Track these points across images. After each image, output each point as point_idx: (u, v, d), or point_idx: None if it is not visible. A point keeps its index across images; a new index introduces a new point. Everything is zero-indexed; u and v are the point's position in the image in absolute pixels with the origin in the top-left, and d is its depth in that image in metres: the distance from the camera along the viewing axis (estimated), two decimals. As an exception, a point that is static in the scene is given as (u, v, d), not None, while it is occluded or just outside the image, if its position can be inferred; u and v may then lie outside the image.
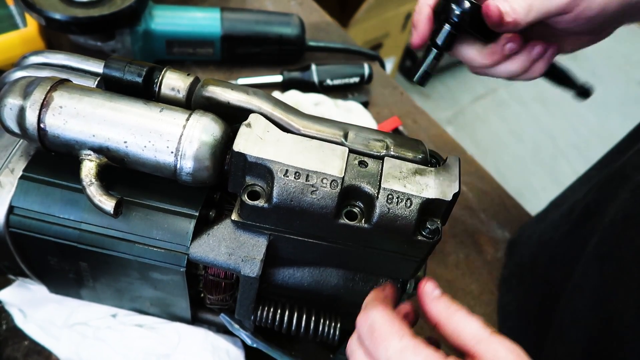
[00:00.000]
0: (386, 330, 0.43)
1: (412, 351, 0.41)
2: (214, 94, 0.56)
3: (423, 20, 0.55)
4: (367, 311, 0.46)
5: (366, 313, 0.46)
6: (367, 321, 0.45)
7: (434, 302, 0.48)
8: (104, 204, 0.50)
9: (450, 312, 0.46)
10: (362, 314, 0.47)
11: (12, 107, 0.52)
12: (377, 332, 0.44)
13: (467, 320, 0.45)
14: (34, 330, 0.69)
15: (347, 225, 0.52)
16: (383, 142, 0.56)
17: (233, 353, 0.69)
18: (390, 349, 0.42)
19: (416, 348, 0.42)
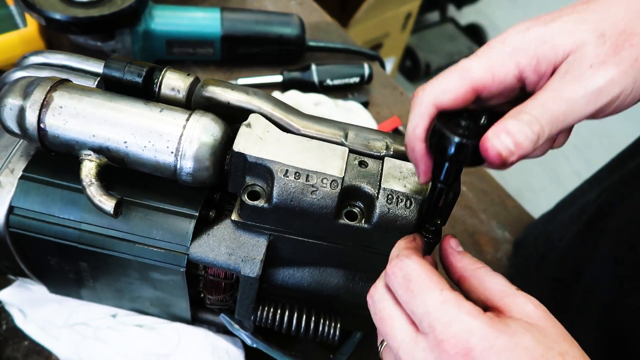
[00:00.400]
0: (425, 282, 0.41)
1: (454, 304, 0.39)
2: (214, 94, 0.56)
3: (420, 159, 0.47)
4: (401, 260, 0.43)
5: (400, 262, 0.43)
6: (401, 270, 0.42)
7: (459, 256, 0.46)
8: (104, 204, 0.50)
9: (476, 267, 0.45)
10: (395, 262, 0.44)
11: (12, 107, 0.52)
12: (415, 283, 0.41)
13: (493, 275, 0.44)
14: (34, 330, 0.69)
15: (347, 225, 0.52)
16: (383, 142, 0.56)
17: (233, 353, 0.69)
18: (430, 302, 0.40)
19: (458, 301, 0.39)
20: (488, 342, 0.37)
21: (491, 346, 0.37)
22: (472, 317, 0.38)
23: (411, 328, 0.41)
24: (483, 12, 3.23)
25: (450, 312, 0.39)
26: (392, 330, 0.42)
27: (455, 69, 0.43)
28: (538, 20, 0.43)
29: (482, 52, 0.43)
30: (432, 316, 0.39)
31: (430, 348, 0.39)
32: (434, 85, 0.44)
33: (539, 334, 0.38)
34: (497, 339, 0.37)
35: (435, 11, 3.02)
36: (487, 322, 0.38)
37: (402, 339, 0.41)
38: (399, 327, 0.42)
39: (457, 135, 0.42)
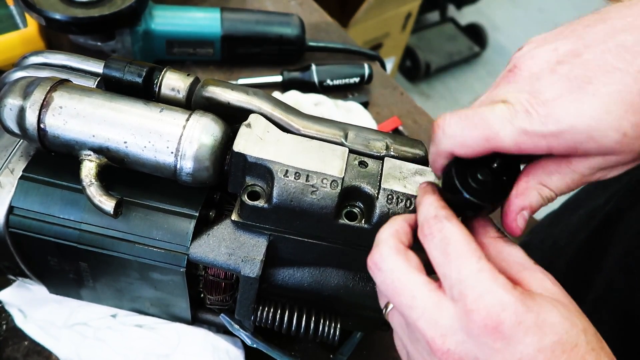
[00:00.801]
0: (464, 248, 0.40)
1: (490, 276, 0.38)
2: (214, 94, 0.56)
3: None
4: (441, 221, 0.42)
5: (439, 222, 0.42)
6: (440, 232, 0.41)
7: (483, 220, 0.46)
8: (104, 204, 0.50)
9: (497, 235, 0.44)
10: (432, 222, 0.42)
11: (12, 107, 0.52)
12: (453, 247, 0.40)
13: (512, 247, 0.43)
14: (34, 330, 0.69)
15: (347, 225, 0.52)
16: (383, 142, 0.56)
17: (233, 353, 0.69)
18: (465, 270, 0.39)
19: (493, 273, 0.38)
20: (518, 317, 0.37)
21: (520, 322, 0.37)
22: (505, 291, 0.38)
23: (436, 294, 0.40)
24: (483, 12, 3.24)
25: (484, 284, 0.38)
26: (412, 301, 0.40)
27: (483, 126, 0.40)
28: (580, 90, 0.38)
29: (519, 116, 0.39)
30: (465, 284, 0.38)
31: (458, 316, 0.38)
32: (455, 133, 0.42)
33: (563, 310, 0.38)
34: (526, 315, 0.37)
35: (435, 11, 3.02)
36: (519, 298, 0.38)
37: (425, 307, 0.40)
38: (420, 296, 0.40)
39: (468, 191, 0.42)
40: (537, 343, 0.36)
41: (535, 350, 0.36)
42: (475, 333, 0.37)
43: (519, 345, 0.37)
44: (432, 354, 0.39)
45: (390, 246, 0.43)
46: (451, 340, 0.38)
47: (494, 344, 0.37)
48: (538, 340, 0.36)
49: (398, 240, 0.43)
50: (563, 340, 0.37)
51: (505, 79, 0.41)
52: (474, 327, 0.37)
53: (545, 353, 0.36)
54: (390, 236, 0.44)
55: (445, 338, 0.38)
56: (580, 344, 0.37)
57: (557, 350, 0.36)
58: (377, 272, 0.43)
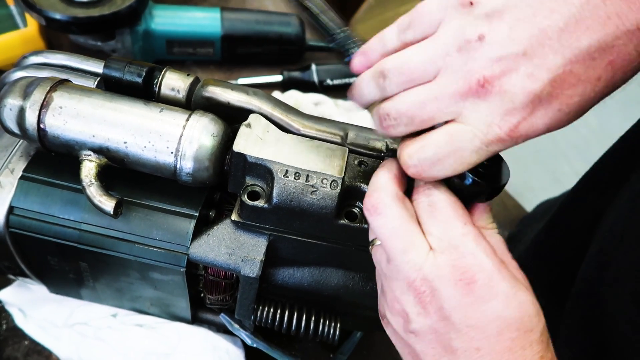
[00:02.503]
0: (450, 212, 0.42)
1: (473, 238, 0.41)
2: (213, 94, 0.56)
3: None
4: (429, 188, 0.44)
5: (427, 189, 0.44)
6: (427, 197, 0.43)
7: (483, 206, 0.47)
8: (104, 204, 0.50)
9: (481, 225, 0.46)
10: (422, 188, 0.44)
11: (12, 107, 0.52)
12: (439, 211, 0.42)
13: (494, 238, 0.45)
14: (34, 330, 0.69)
15: (347, 225, 0.52)
16: (383, 142, 0.56)
17: (233, 353, 0.69)
18: (452, 231, 0.41)
19: (477, 237, 0.41)
20: (492, 281, 0.39)
21: (492, 286, 0.39)
22: (486, 255, 0.40)
23: (425, 244, 0.42)
24: (483, 11, 3.22)
25: (467, 245, 0.41)
26: (406, 246, 0.42)
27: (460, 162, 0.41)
28: None
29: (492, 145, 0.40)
30: (450, 244, 0.41)
31: (438, 266, 0.40)
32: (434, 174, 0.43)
33: (533, 298, 0.41)
34: (500, 282, 0.39)
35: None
36: (497, 265, 0.40)
37: (414, 253, 0.42)
38: (414, 244, 0.42)
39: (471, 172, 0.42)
40: (500, 311, 0.39)
41: (496, 315, 0.39)
42: (451, 284, 0.40)
43: (483, 305, 0.39)
44: (408, 292, 0.42)
45: (391, 192, 0.44)
46: (429, 285, 0.41)
47: (462, 297, 0.40)
48: (502, 309, 0.39)
49: (397, 186, 0.45)
50: (524, 320, 0.39)
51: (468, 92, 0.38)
52: (452, 278, 0.40)
53: (501, 322, 0.39)
54: (389, 181, 0.45)
55: (425, 281, 0.41)
56: (535, 331, 0.40)
57: (513, 326, 0.39)
58: (376, 215, 0.44)
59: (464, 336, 0.40)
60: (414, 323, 0.42)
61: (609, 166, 0.72)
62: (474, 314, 0.39)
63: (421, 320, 0.42)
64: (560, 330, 0.65)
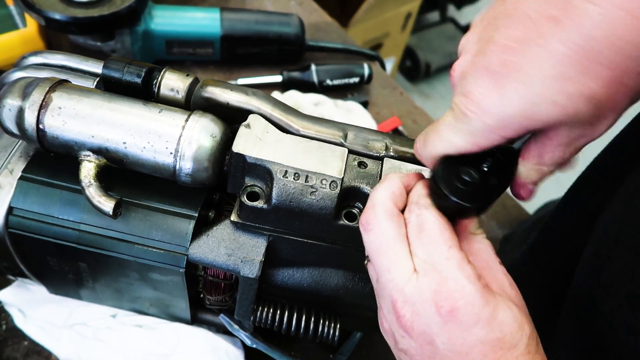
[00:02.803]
0: (436, 234, 0.42)
1: (456, 263, 0.41)
2: (213, 94, 0.56)
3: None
4: (419, 208, 0.44)
5: (417, 209, 0.44)
6: (417, 218, 0.44)
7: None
8: (103, 204, 0.50)
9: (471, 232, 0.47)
10: (412, 207, 0.45)
11: (11, 107, 0.52)
12: (426, 233, 0.43)
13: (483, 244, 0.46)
14: (34, 330, 0.69)
15: (346, 226, 0.52)
16: (382, 143, 0.56)
17: (232, 353, 0.69)
18: (436, 255, 0.42)
19: (461, 262, 0.41)
20: (474, 308, 0.40)
21: (475, 313, 0.40)
22: (469, 281, 0.40)
23: (411, 265, 0.42)
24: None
25: (450, 270, 0.41)
26: (390, 264, 0.43)
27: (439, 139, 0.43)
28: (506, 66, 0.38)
29: (460, 119, 0.41)
30: (434, 267, 0.41)
31: (420, 290, 0.41)
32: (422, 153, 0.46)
33: (516, 311, 0.41)
34: (482, 308, 0.40)
35: (435, 11, 3.02)
36: (479, 291, 0.40)
37: (398, 273, 0.42)
38: (398, 263, 0.43)
39: (454, 193, 0.43)
40: (483, 336, 0.40)
41: (478, 340, 0.40)
42: (431, 310, 0.40)
43: (465, 332, 0.40)
44: (392, 312, 0.43)
45: (385, 209, 0.45)
46: (409, 309, 0.41)
47: (445, 324, 0.40)
48: (485, 334, 0.40)
49: (393, 204, 0.45)
50: (506, 339, 0.40)
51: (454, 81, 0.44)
52: (432, 305, 0.40)
53: (485, 346, 0.40)
54: (386, 198, 0.45)
55: (405, 305, 0.42)
56: (519, 346, 0.40)
57: (497, 347, 0.40)
58: (368, 231, 0.45)
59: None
60: (400, 344, 0.44)
61: (603, 168, 0.72)
62: (457, 340, 0.40)
63: (406, 343, 0.43)
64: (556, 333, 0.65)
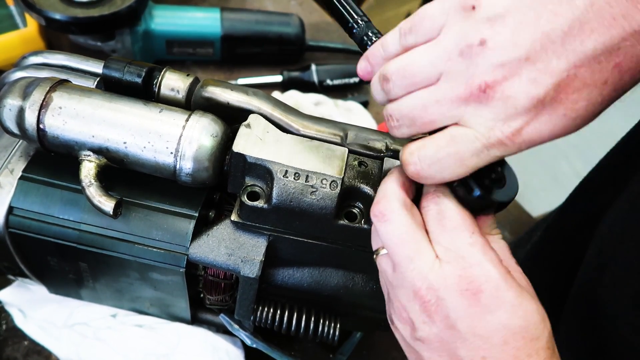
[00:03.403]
0: (458, 221, 0.42)
1: (481, 249, 0.41)
2: (213, 94, 0.56)
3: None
4: (438, 196, 0.44)
5: (437, 197, 0.44)
6: (436, 205, 0.43)
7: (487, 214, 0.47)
8: (104, 204, 0.50)
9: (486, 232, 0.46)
10: (431, 196, 0.44)
11: (12, 107, 0.52)
12: (448, 220, 0.42)
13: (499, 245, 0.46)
14: (34, 330, 0.69)
15: (346, 226, 0.52)
16: (383, 143, 0.56)
17: (233, 353, 0.69)
18: (459, 241, 0.41)
19: (484, 247, 0.41)
20: (498, 291, 0.39)
21: (499, 296, 0.39)
22: (493, 265, 0.40)
23: (432, 253, 0.42)
24: (483, 11, 3.22)
25: (475, 256, 0.41)
26: (413, 254, 0.42)
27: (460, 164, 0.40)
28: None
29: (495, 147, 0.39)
30: (457, 254, 0.41)
31: (445, 276, 0.41)
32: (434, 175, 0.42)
33: (540, 305, 0.41)
34: (506, 292, 0.39)
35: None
36: (504, 274, 0.40)
37: (421, 261, 0.42)
38: (421, 252, 0.42)
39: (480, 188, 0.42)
40: (506, 320, 0.39)
41: (502, 325, 0.39)
42: (457, 294, 0.40)
43: (488, 314, 0.39)
44: (414, 300, 0.42)
45: (399, 199, 0.44)
46: (435, 294, 0.41)
47: (468, 307, 0.40)
48: (507, 318, 0.39)
49: (405, 194, 0.45)
50: (529, 328, 0.39)
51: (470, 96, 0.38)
52: (458, 289, 0.40)
53: (507, 331, 0.39)
54: (397, 188, 0.45)
55: (431, 291, 0.41)
56: (540, 339, 0.40)
57: (519, 335, 0.39)
58: (383, 222, 0.44)
59: (469, 345, 0.40)
60: (420, 331, 0.43)
61: (607, 170, 0.72)
62: (479, 323, 0.39)
63: (427, 329, 0.42)
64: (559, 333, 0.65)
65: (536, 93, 0.36)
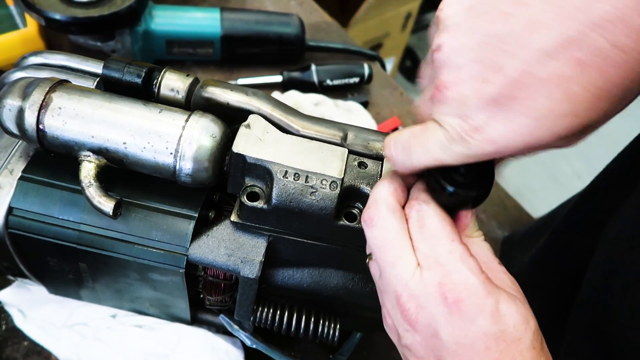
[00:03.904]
0: (438, 229, 0.43)
1: (459, 256, 0.41)
2: (213, 94, 0.56)
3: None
4: (419, 203, 0.45)
5: (418, 204, 0.45)
6: (417, 213, 0.44)
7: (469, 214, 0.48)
8: (103, 205, 0.50)
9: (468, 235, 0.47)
10: (413, 203, 0.45)
11: (11, 108, 0.52)
12: (427, 227, 0.43)
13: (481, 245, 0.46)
14: (34, 330, 0.69)
15: (346, 226, 0.52)
16: (383, 143, 0.56)
17: (232, 354, 0.69)
18: (438, 248, 0.42)
19: (463, 254, 0.42)
20: (477, 299, 0.40)
21: (478, 304, 0.40)
22: (472, 272, 0.41)
23: (414, 260, 0.43)
24: (483, 11, 3.22)
25: (453, 263, 0.41)
26: (394, 260, 0.43)
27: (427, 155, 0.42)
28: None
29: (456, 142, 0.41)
30: (437, 260, 0.42)
31: (424, 284, 0.41)
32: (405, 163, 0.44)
33: (520, 305, 0.41)
34: (485, 299, 0.40)
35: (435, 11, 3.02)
36: (483, 282, 0.41)
37: (402, 268, 0.42)
38: (402, 258, 0.43)
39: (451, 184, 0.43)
40: (486, 327, 0.40)
41: (481, 332, 0.40)
42: (436, 303, 0.41)
43: (469, 322, 0.40)
44: (397, 307, 0.43)
45: (388, 204, 0.45)
46: (414, 302, 0.42)
47: (449, 315, 0.40)
48: (487, 325, 0.40)
49: (396, 200, 0.46)
50: (509, 331, 0.40)
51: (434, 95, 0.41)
52: (436, 297, 0.41)
53: (487, 338, 0.40)
54: (388, 194, 0.46)
55: (410, 298, 0.42)
56: (523, 340, 0.40)
57: (500, 338, 0.40)
58: (371, 227, 0.45)
59: (452, 353, 0.41)
60: (404, 339, 0.44)
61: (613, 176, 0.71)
62: (461, 331, 0.40)
63: (410, 337, 0.43)
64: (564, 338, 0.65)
65: (488, 92, 0.37)
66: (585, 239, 0.69)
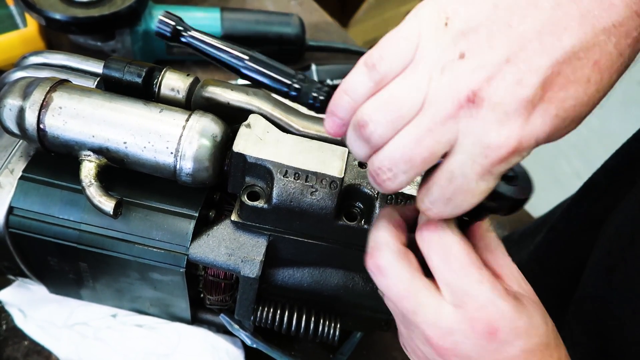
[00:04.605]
0: (465, 258, 0.41)
1: (490, 286, 0.40)
2: (213, 94, 0.56)
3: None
4: (442, 229, 0.41)
5: (440, 230, 0.41)
6: (440, 239, 0.41)
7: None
8: (104, 204, 0.50)
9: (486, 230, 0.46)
10: (432, 227, 0.42)
11: (12, 107, 0.52)
12: (454, 257, 0.41)
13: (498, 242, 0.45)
14: (34, 330, 0.69)
15: (347, 226, 0.52)
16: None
17: (233, 353, 0.69)
18: (468, 279, 0.40)
19: (493, 282, 0.41)
20: (513, 323, 0.40)
21: (514, 327, 0.40)
22: (503, 300, 0.40)
23: (435, 298, 0.41)
24: (483, 11, 3.22)
25: (486, 294, 0.40)
26: (415, 307, 0.41)
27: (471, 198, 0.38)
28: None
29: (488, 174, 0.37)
30: (468, 294, 0.40)
31: (458, 320, 0.40)
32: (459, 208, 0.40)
33: (540, 310, 0.42)
34: (519, 321, 0.40)
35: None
36: (513, 305, 0.40)
37: (427, 311, 0.41)
38: (423, 302, 0.41)
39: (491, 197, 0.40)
40: (524, 345, 0.40)
41: (522, 351, 0.40)
42: (474, 336, 0.40)
43: (508, 347, 0.40)
44: (427, 344, 0.42)
45: (393, 250, 0.43)
46: (450, 340, 0.40)
47: (488, 345, 0.40)
48: (525, 343, 0.40)
49: (399, 242, 0.43)
50: (542, 341, 0.41)
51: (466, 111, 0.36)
52: (474, 332, 0.40)
53: (527, 354, 0.40)
54: (390, 236, 0.43)
55: (445, 337, 0.41)
56: (550, 343, 0.41)
57: (537, 351, 0.40)
58: (381, 277, 0.43)
59: None
60: None
61: (612, 172, 0.71)
62: (499, 355, 0.40)
63: None
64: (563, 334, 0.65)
65: (524, 94, 0.34)
66: (584, 235, 0.69)
